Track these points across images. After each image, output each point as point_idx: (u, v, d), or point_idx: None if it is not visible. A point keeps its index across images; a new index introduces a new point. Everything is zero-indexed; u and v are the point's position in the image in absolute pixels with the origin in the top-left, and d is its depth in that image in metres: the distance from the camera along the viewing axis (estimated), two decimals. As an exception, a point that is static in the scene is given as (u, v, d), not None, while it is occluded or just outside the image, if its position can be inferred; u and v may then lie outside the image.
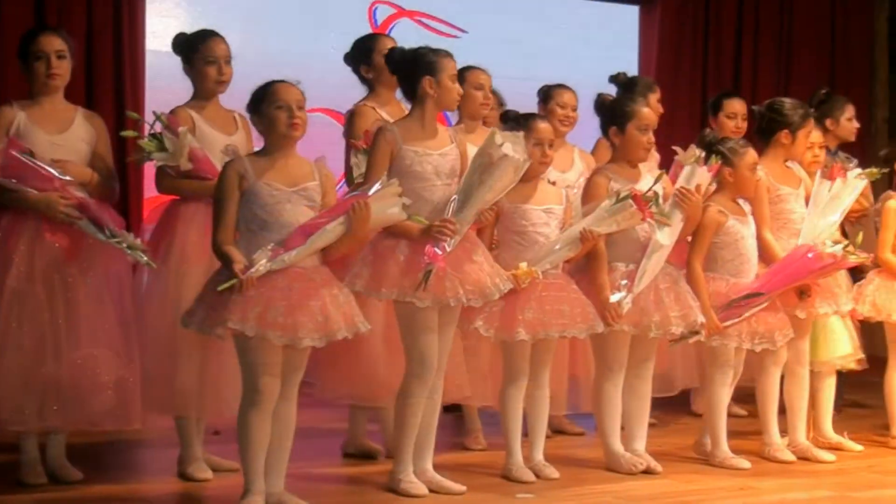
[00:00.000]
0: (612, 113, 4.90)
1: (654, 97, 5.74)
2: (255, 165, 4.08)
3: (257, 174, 4.06)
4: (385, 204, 4.17)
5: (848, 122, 6.26)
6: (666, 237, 4.79)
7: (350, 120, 5.08)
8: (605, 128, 4.94)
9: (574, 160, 5.66)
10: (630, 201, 4.65)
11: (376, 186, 4.17)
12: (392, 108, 5.07)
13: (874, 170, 5.44)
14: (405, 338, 4.42)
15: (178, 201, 4.69)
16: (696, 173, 4.91)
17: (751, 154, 5.01)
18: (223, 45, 4.75)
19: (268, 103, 4.08)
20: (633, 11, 7.89)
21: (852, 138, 6.22)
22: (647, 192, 4.70)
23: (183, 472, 4.66)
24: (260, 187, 4.04)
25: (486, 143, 4.42)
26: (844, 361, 5.54)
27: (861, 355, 5.59)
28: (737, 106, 6.08)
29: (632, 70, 7.58)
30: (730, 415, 5.81)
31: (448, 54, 4.45)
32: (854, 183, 5.25)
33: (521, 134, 4.51)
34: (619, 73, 5.88)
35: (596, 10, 7.80)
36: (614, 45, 7.71)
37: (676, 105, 6.19)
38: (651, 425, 5.57)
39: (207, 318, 3.96)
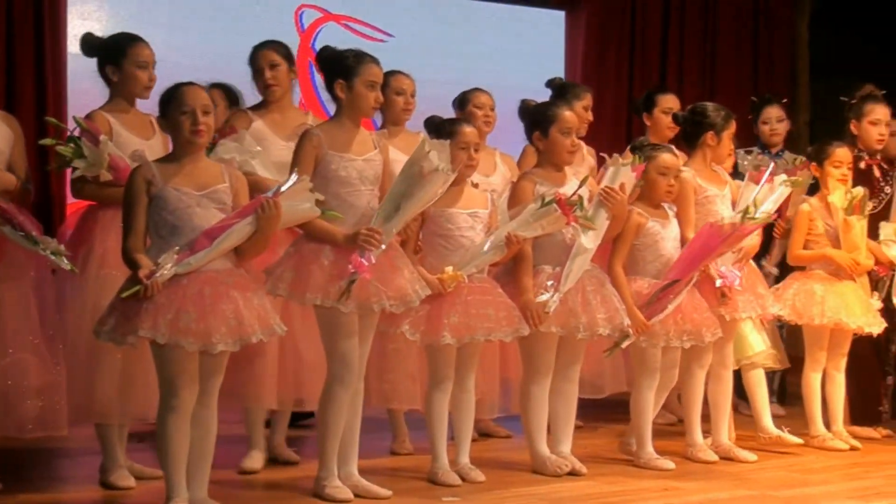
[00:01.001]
0: (536, 118, 4.93)
1: (581, 104, 5.78)
2: (162, 170, 4.04)
3: (165, 179, 4.01)
4: (296, 201, 4.13)
5: (763, 126, 6.36)
6: (590, 241, 4.84)
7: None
8: (529, 133, 4.97)
9: (496, 163, 5.69)
10: (555, 206, 4.68)
11: (287, 184, 4.14)
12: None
13: (799, 178, 5.51)
14: (326, 342, 4.41)
15: (95, 207, 4.64)
16: (620, 173, 4.96)
17: (662, 158, 5.07)
18: (149, 50, 4.71)
19: (173, 108, 4.04)
20: (559, 16, 7.94)
21: (774, 141, 6.31)
22: (571, 196, 4.73)
23: (105, 480, 4.60)
24: (168, 192, 4.00)
25: (415, 153, 4.42)
26: (759, 360, 5.62)
27: (773, 352, 5.67)
28: (671, 102, 6.15)
29: (557, 75, 7.64)
30: (668, 422, 5.95)
31: (370, 60, 4.43)
32: (780, 189, 5.33)
33: (448, 143, 4.51)
34: (554, 78, 5.93)
35: (522, 14, 7.85)
36: (540, 50, 7.76)
37: (602, 110, 6.25)
38: (577, 427, 5.64)
39: (119, 327, 3.91)
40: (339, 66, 4.42)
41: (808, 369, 5.63)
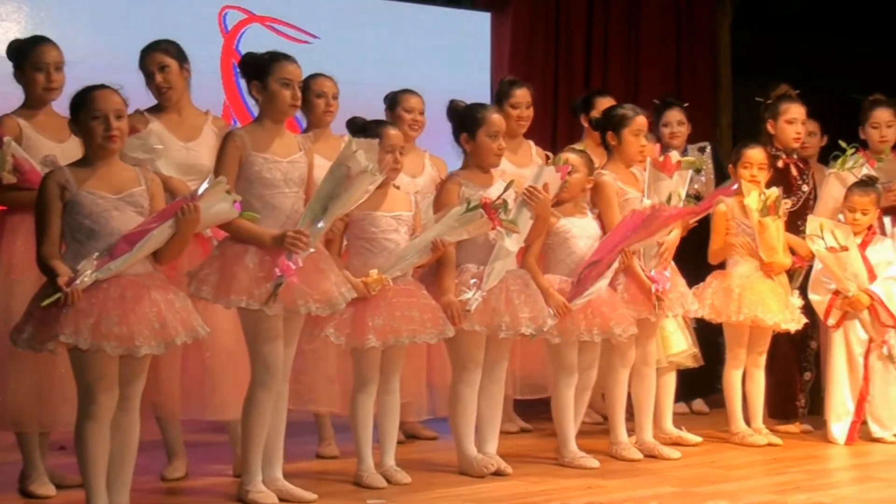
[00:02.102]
0: (463, 119, 4.94)
1: (508, 102, 5.78)
2: (76, 174, 3.99)
3: (79, 183, 3.97)
4: (213, 202, 4.11)
5: (664, 129, 6.43)
6: (513, 243, 4.86)
7: None
8: (456, 134, 4.97)
9: (425, 165, 5.70)
10: (480, 211, 4.70)
11: (203, 185, 4.11)
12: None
13: (692, 158, 5.56)
14: (250, 345, 4.39)
15: (1, 212, 4.57)
16: (545, 173, 4.99)
17: (572, 159, 5.11)
18: (54, 52, 4.65)
19: (84, 112, 3.99)
20: (485, 18, 7.95)
21: (674, 143, 6.37)
22: (495, 200, 4.75)
23: (25, 488, 4.54)
24: (83, 196, 3.95)
25: (342, 153, 4.42)
26: (679, 358, 5.69)
27: (694, 351, 5.74)
28: (609, 104, 6.12)
29: (483, 76, 7.67)
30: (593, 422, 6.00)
31: (284, 58, 4.42)
32: (683, 174, 5.40)
33: (377, 142, 4.51)
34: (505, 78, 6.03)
35: (448, 16, 7.84)
36: (467, 52, 7.76)
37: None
38: (525, 431, 5.68)
39: (38, 333, 3.85)
40: (253, 68, 4.42)
41: (729, 367, 5.71)
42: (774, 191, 5.60)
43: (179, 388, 4.70)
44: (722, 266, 5.76)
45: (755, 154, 5.67)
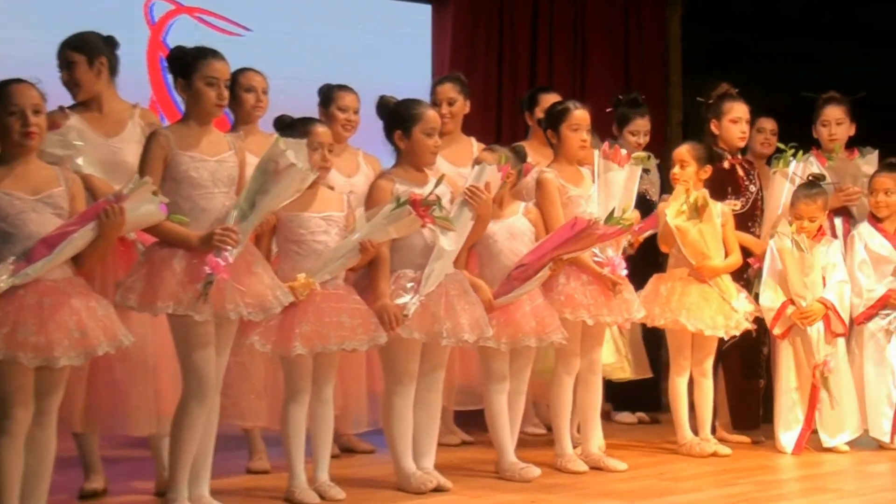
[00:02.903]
0: (398, 116, 4.94)
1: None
2: None
3: None
4: (138, 203, 4.09)
5: (630, 136, 6.47)
6: (451, 242, 4.85)
7: None
8: (388, 131, 4.97)
9: (360, 164, 5.70)
10: (408, 208, 4.69)
11: (129, 186, 4.09)
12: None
13: (643, 154, 5.61)
14: (181, 355, 4.36)
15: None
16: (486, 172, 5.00)
17: (487, 157, 5.13)
18: None
19: (0, 107, 3.94)
20: (426, 10, 7.96)
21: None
22: (427, 196, 4.75)
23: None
24: None
25: (270, 150, 4.42)
26: (610, 370, 5.74)
27: (623, 364, 5.78)
28: (552, 100, 6.15)
29: (425, 70, 7.67)
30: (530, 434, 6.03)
31: (211, 55, 4.40)
32: (634, 170, 5.44)
33: (305, 142, 4.52)
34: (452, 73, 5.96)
35: (387, 8, 7.84)
36: (407, 45, 7.76)
37: (471, 101, 6.29)
38: (467, 443, 5.71)
39: None
40: (178, 65, 4.41)
41: (673, 374, 5.75)
42: (697, 194, 5.62)
43: (85, 400, 4.64)
44: None
45: (677, 152, 5.72)
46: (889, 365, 5.91)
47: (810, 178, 5.93)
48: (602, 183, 5.33)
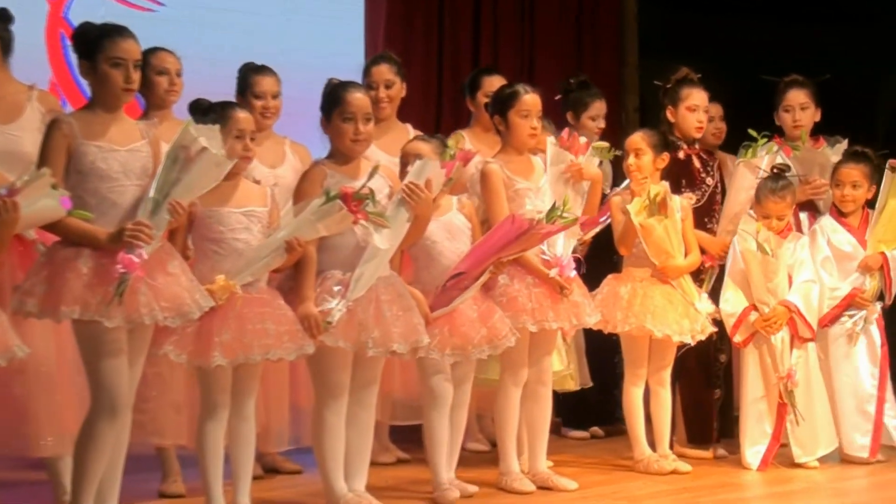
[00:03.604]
0: (323, 100, 4.90)
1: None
2: None
3: None
4: (35, 198, 4.02)
5: (591, 122, 6.41)
6: (385, 240, 4.77)
7: None
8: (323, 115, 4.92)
9: (286, 153, 5.65)
10: (338, 202, 4.61)
11: (23, 178, 4.01)
12: None
13: (605, 144, 5.58)
14: (88, 366, 4.29)
15: None
16: (427, 167, 4.92)
17: (422, 148, 5.10)
18: None
19: None
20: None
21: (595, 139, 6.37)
22: (359, 189, 4.67)
23: None
24: None
25: (180, 136, 4.36)
26: (556, 379, 5.69)
27: (571, 372, 5.76)
28: (496, 84, 6.09)
29: (357, 47, 7.57)
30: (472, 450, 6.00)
31: (117, 34, 4.32)
32: (592, 161, 5.41)
33: (217, 128, 4.45)
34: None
35: (314, -20, 7.73)
36: (336, 25, 7.64)
37: (408, 83, 6.21)
38: (403, 462, 5.69)
39: None
40: (82, 44, 4.34)
41: (629, 385, 5.73)
42: (658, 188, 5.59)
43: None
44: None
45: (631, 140, 5.69)
46: (859, 372, 5.90)
47: (775, 170, 5.89)
48: (554, 174, 5.25)
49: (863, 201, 5.97)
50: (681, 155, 5.99)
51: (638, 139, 5.68)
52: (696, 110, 6.01)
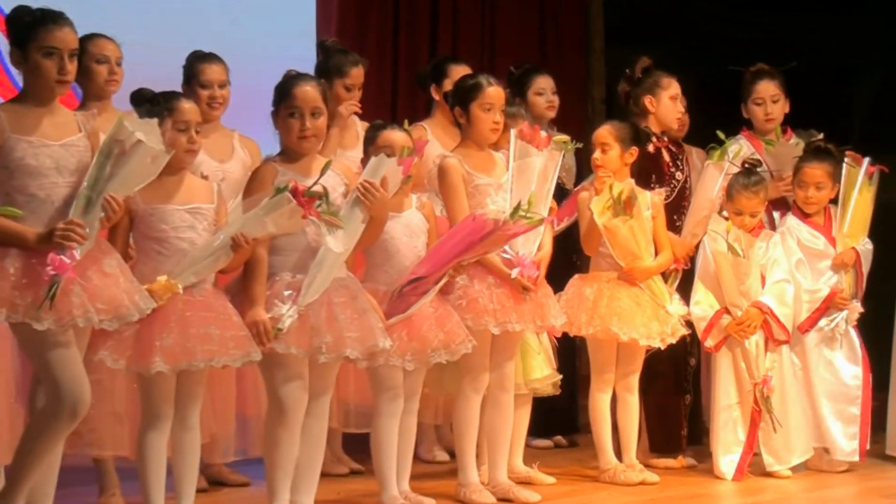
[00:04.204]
0: (274, 94, 4.89)
1: (342, 82, 5.85)
2: None
3: None
4: None
5: (537, 97, 6.42)
6: (339, 242, 4.77)
7: None
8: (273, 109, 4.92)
9: (234, 147, 5.66)
10: (287, 195, 4.59)
11: None
12: None
13: (564, 137, 5.61)
14: (35, 364, 4.31)
15: None
16: (384, 165, 4.93)
17: (384, 136, 5.12)
18: None
19: None
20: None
21: (550, 115, 6.39)
22: (311, 186, 4.67)
23: None
24: None
25: (114, 130, 4.35)
26: (541, 385, 5.70)
27: (558, 377, 5.77)
28: (462, 72, 6.08)
29: (309, 33, 7.56)
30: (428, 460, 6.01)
31: (51, 20, 4.28)
32: (555, 155, 5.43)
33: (156, 121, 4.44)
34: (325, 40, 6.00)
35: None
36: (286, 13, 7.64)
37: (363, 80, 6.21)
38: (357, 473, 5.71)
39: None
40: (14, 31, 4.30)
41: (595, 391, 5.76)
42: (622, 186, 5.62)
43: None
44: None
45: (598, 134, 5.72)
46: (841, 375, 5.96)
47: (746, 164, 5.94)
48: (517, 169, 5.29)
49: (826, 202, 6.03)
50: (650, 148, 6.04)
51: (605, 132, 5.71)
52: (676, 100, 6.08)
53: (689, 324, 5.81)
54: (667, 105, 6.08)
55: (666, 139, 6.14)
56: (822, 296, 5.95)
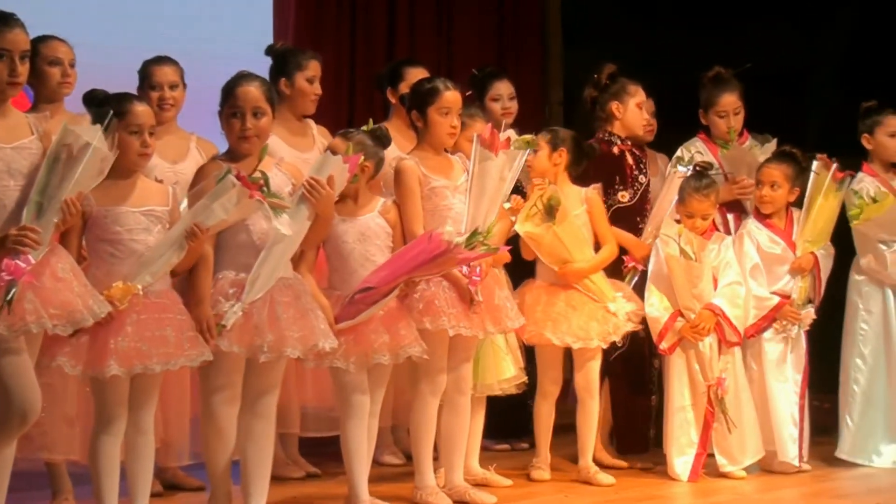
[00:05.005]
0: (220, 94, 4.89)
1: (304, 75, 5.87)
2: None
3: None
4: None
5: (493, 104, 6.45)
6: (285, 226, 4.76)
7: None
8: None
9: (190, 149, 5.65)
10: (231, 178, 4.60)
11: None
12: None
13: (527, 137, 5.60)
14: None
15: None
16: (329, 162, 4.94)
17: (334, 143, 5.14)
18: None
19: None
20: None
21: (505, 121, 6.39)
22: (251, 172, 4.69)
23: None
24: None
25: (60, 136, 4.35)
26: (507, 385, 5.71)
27: (524, 378, 5.78)
28: (418, 75, 6.07)
29: (266, 34, 7.55)
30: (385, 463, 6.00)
31: (3, 22, 4.28)
32: (515, 154, 5.43)
33: (100, 127, 4.42)
34: (274, 44, 5.97)
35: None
36: (244, 11, 7.62)
37: (319, 78, 6.21)
38: (313, 476, 5.62)
39: None
40: None
41: (538, 395, 5.83)
42: (547, 191, 5.65)
43: None
44: None
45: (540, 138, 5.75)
46: (790, 379, 6.00)
47: (698, 167, 5.99)
48: (477, 174, 5.29)
49: (782, 203, 6.07)
50: (615, 150, 6.10)
51: (539, 136, 5.73)
52: (643, 107, 6.14)
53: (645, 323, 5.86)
54: (633, 111, 6.12)
55: (629, 143, 6.18)
56: (770, 304, 5.98)
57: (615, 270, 5.94)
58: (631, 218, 6.02)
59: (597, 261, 5.76)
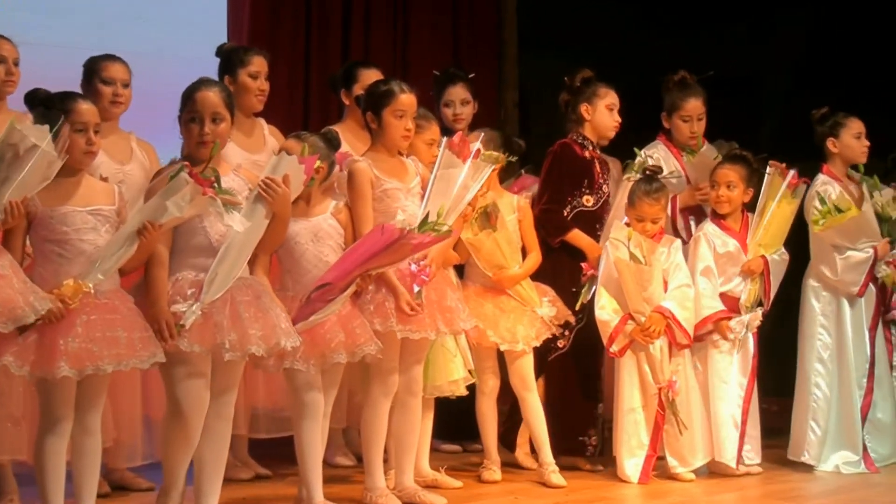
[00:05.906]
0: (180, 99, 4.87)
1: (246, 70, 5.86)
2: None
3: None
4: None
5: (444, 109, 6.46)
6: (237, 223, 4.75)
7: None
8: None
9: (133, 150, 5.64)
10: (184, 176, 4.58)
11: None
12: None
13: (500, 154, 5.64)
14: None
15: None
16: (284, 162, 4.93)
17: (290, 145, 5.14)
18: None
19: None
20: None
21: (456, 127, 6.38)
22: (202, 169, 4.68)
23: None
24: None
25: (5, 135, 4.32)
26: (455, 387, 5.72)
27: (473, 380, 5.80)
28: (374, 77, 6.06)
29: (220, 36, 7.51)
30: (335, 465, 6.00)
31: None
32: (482, 166, 5.45)
33: (47, 127, 4.39)
34: (224, 44, 5.97)
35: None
36: (197, 12, 7.57)
37: (274, 77, 6.18)
38: (263, 478, 5.67)
39: None
40: None
41: (478, 393, 5.86)
42: (485, 200, 5.70)
43: None
44: None
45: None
46: (734, 381, 6.03)
47: (648, 171, 6.01)
48: (439, 178, 5.30)
49: (738, 203, 6.12)
50: (587, 154, 6.15)
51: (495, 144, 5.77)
52: (613, 109, 6.18)
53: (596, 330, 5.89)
54: (602, 113, 6.17)
55: (599, 151, 6.22)
56: (707, 314, 6.00)
57: (573, 279, 5.99)
58: (591, 224, 6.09)
59: (527, 267, 5.85)
